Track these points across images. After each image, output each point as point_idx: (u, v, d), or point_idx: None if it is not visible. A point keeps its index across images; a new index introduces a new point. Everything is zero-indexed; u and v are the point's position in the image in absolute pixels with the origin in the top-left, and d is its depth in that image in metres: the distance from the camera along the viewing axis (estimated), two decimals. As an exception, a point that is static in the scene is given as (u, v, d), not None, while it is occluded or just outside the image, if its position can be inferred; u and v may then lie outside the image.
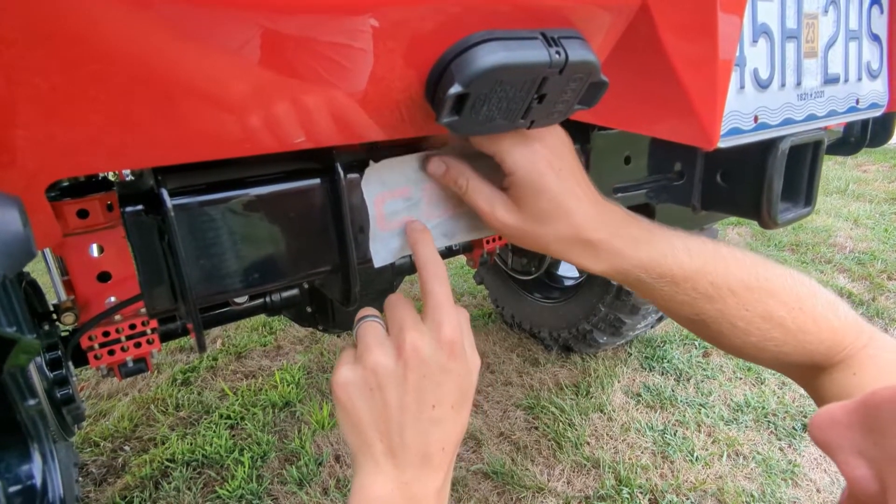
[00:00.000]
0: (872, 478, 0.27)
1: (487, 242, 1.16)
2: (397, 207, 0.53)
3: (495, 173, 0.50)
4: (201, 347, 0.46)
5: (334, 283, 0.55)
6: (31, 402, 0.31)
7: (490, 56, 0.38)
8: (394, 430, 0.43)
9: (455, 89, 0.38)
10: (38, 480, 0.29)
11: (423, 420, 0.44)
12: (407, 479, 0.43)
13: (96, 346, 0.86)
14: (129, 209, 0.41)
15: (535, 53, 0.39)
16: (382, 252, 0.53)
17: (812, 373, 0.52)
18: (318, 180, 0.48)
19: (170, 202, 0.40)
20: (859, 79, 0.66)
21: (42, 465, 0.30)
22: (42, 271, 0.92)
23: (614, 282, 0.54)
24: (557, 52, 0.40)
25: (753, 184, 0.65)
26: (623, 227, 0.50)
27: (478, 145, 0.49)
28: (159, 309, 0.44)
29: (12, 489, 0.30)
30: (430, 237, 0.51)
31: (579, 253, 0.49)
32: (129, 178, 0.54)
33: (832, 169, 4.43)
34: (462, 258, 1.41)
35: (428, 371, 0.44)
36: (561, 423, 1.72)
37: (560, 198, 0.47)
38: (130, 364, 0.93)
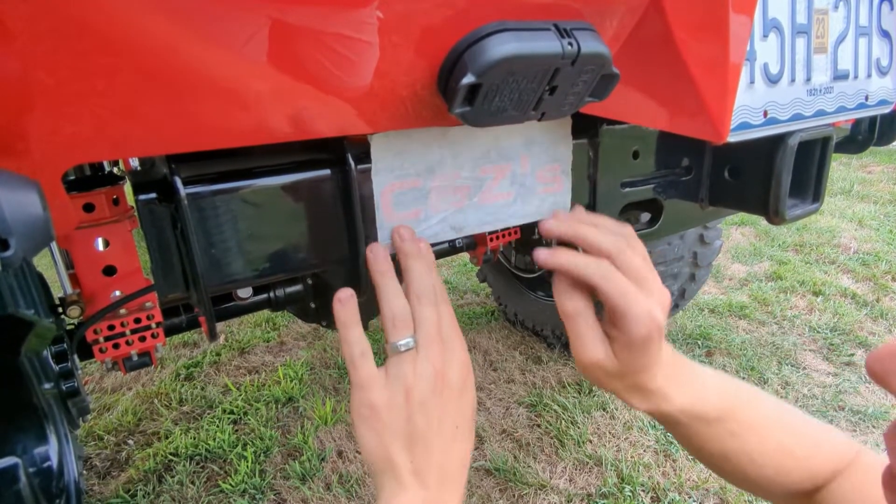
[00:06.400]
0: None
1: (491, 240, 1.16)
2: (405, 199, 0.53)
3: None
4: (213, 336, 0.46)
5: (342, 275, 0.55)
6: (48, 385, 0.32)
7: (503, 46, 0.38)
8: (421, 449, 0.44)
9: (468, 79, 0.38)
10: (54, 462, 0.30)
11: (448, 440, 0.45)
12: (431, 499, 0.43)
13: (101, 339, 0.87)
14: (142, 197, 0.42)
15: (547, 44, 0.39)
16: (388, 243, 0.53)
17: (814, 495, 0.55)
18: (329, 171, 0.48)
19: (183, 190, 0.40)
20: (868, 75, 0.66)
21: (58, 447, 0.30)
22: (48, 265, 0.93)
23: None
24: (570, 44, 0.40)
25: (761, 179, 0.65)
26: (672, 371, 0.50)
27: (604, 297, 0.47)
28: (171, 297, 0.44)
29: (30, 470, 0.30)
30: (428, 258, 0.50)
31: (632, 395, 0.50)
32: (137, 168, 0.54)
33: (836, 170, 4.42)
34: (465, 255, 1.41)
35: (452, 394, 0.45)
36: (563, 421, 1.72)
37: (653, 358, 0.47)
38: (135, 358, 0.93)
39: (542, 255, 0.49)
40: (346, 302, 0.46)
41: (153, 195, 0.42)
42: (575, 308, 0.49)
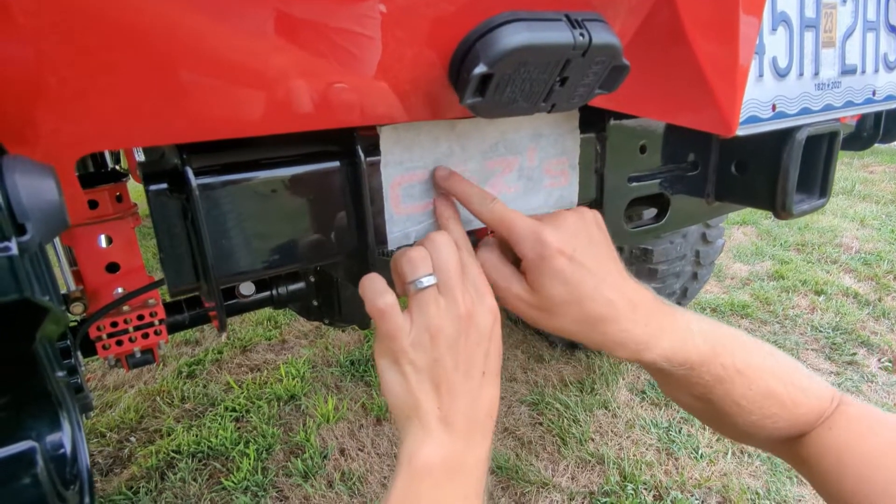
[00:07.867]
0: None
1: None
2: (414, 192, 0.53)
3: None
4: (223, 327, 0.46)
5: (351, 266, 0.55)
6: (60, 373, 0.32)
7: (515, 36, 0.38)
8: (448, 394, 0.42)
9: (480, 69, 0.38)
10: (68, 448, 0.30)
11: (475, 385, 0.44)
12: (458, 447, 0.42)
13: (104, 336, 0.87)
14: (153, 188, 0.41)
15: (559, 35, 0.39)
16: (397, 235, 0.53)
17: (796, 441, 0.54)
18: (338, 163, 0.48)
19: (195, 181, 0.40)
20: (876, 70, 0.66)
21: (71, 433, 0.30)
22: (50, 262, 0.92)
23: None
24: (581, 35, 0.40)
25: (768, 174, 0.65)
26: (649, 315, 0.48)
27: (488, 225, 0.48)
28: (181, 288, 0.44)
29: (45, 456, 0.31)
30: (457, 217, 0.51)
31: (602, 339, 0.48)
32: (143, 161, 0.54)
33: (838, 169, 4.41)
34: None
35: (481, 338, 0.44)
36: (565, 420, 1.72)
37: (574, 280, 0.45)
38: (138, 355, 0.93)
39: (441, 173, 0.52)
40: (370, 275, 0.45)
41: (164, 185, 0.42)
42: (484, 258, 0.49)
